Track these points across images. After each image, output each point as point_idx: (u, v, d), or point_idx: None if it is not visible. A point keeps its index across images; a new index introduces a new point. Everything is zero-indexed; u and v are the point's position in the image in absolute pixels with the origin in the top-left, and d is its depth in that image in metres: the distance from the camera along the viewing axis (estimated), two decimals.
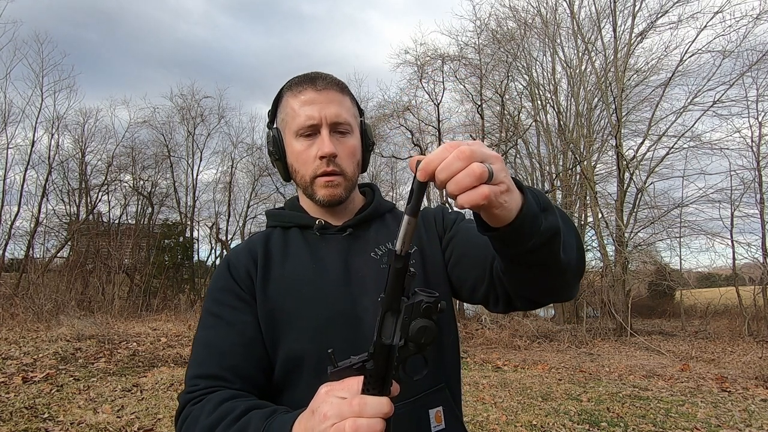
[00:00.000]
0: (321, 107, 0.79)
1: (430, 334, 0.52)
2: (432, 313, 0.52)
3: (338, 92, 0.82)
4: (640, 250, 11.71)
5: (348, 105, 0.84)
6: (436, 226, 0.89)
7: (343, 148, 0.81)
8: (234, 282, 0.80)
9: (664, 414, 4.25)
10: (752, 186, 10.89)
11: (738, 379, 5.84)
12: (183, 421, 0.70)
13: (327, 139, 0.79)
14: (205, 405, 0.68)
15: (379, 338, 0.53)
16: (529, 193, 0.55)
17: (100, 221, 15.05)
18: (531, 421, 3.88)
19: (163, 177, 16.25)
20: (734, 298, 11.15)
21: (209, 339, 0.77)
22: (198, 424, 0.66)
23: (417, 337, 0.52)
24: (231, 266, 0.82)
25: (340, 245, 0.83)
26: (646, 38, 12.30)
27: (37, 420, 3.44)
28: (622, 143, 11.72)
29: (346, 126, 0.82)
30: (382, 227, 0.88)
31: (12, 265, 13.01)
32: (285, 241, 0.85)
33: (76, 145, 14.47)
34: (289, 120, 0.82)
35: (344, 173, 0.82)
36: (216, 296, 0.80)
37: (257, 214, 17.56)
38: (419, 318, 0.52)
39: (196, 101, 16.58)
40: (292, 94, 0.82)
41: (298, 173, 0.83)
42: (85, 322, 7.53)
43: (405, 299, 0.53)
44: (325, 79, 0.82)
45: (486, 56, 13.33)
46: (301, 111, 0.80)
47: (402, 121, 14.13)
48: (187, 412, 0.70)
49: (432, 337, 0.52)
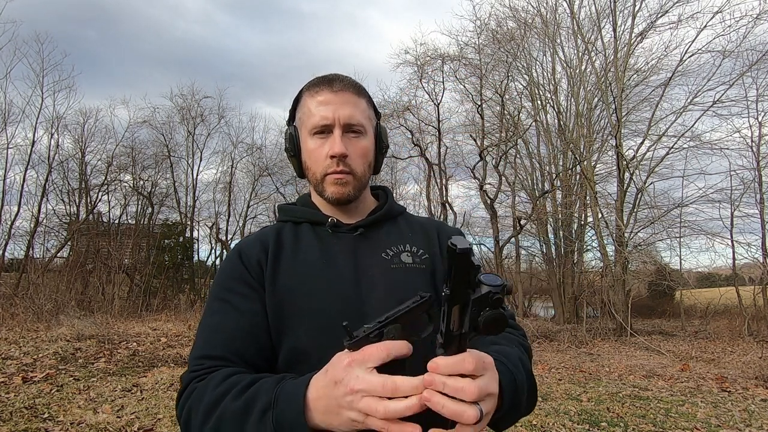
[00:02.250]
0: (335, 108, 0.82)
1: (501, 324, 0.52)
2: (502, 302, 0.53)
3: (354, 94, 0.84)
4: (640, 250, 11.70)
5: (363, 107, 0.86)
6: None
7: (354, 149, 0.83)
8: (245, 269, 0.80)
9: (664, 414, 4.25)
10: (752, 186, 10.89)
11: (738, 379, 5.84)
12: (187, 398, 0.68)
13: (338, 139, 0.81)
14: (210, 381, 0.67)
15: (448, 329, 0.53)
16: (508, 398, 0.61)
17: (100, 221, 15.04)
18: (531, 421, 3.88)
19: (163, 177, 16.26)
20: (734, 298, 11.15)
21: (216, 323, 0.77)
22: (205, 397, 0.65)
23: (488, 327, 0.52)
24: (242, 254, 0.82)
25: (351, 244, 0.84)
26: (646, 38, 12.30)
27: (37, 420, 3.44)
28: (622, 143, 11.71)
29: (359, 127, 0.84)
30: (394, 229, 0.90)
31: (12, 265, 13.01)
32: (296, 235, 0.86)
33: (76, 145, 14.47)
34: (305, 119, 0.85)
35: (354, 173, 0.84)
36: (225, 283, 0.80)
37: (257, 214, 17.58)
38: (489, 309, 0.52)
39: (196, 101, 16.58)
40: (309, 95, 0.85)
41: (310, 170, 0.86)
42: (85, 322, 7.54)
43: (471, 291, 0.52)
44: (342, 81, 0.85)
45: (486, 56, 13.34)
46: (317, 111, 0.82)
47: (402, 121, 14.13)
48: (191, 389, 0.69)
49: (504, 327, 0.53)
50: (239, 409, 0.61)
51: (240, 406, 0.61)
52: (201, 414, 0.64)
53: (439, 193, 14.44)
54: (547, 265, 15.06)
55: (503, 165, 13.58)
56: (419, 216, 0.99)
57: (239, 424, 0.60)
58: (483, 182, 12.84)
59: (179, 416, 0.69)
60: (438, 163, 13.97)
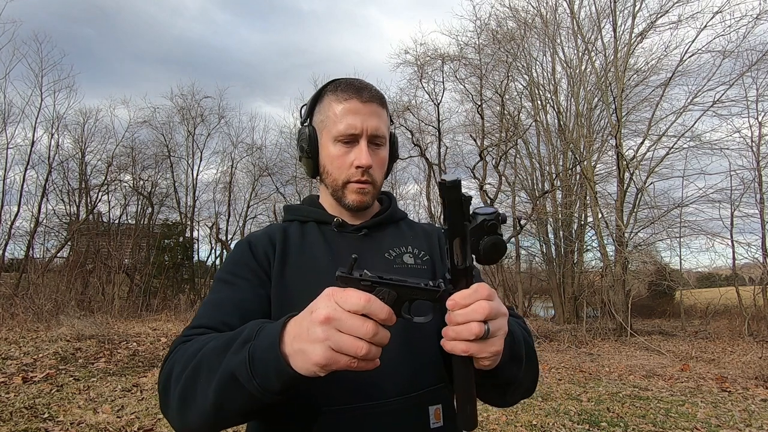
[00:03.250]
0: (364, 119, 0.83)
1: (500, 248, 0.55)
2: (497, 228, 0.55)
3: (379, 106, 0.86)
4: (640, 250, 11.70)
5: (385, 118, 0.88)
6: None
7: (377, 160, 0.86)
8: (253, 258, 0.82)
9: (664, 414, 4.25)
10: (752, 186, 10.88)
11: (738, 379, 5.84)
12: (172, 356, 0.66)
13: (366, 151, 0.83)
14: (199, 338, 0.66)
15: (453, 264, 0.56)
16: (506, 347, 0.63)
17: (100, 221, 15.04)
18: (531, 421, 3.88)
19: (163, 177, 16.26)
20: (734, 298, 11.14)
21: (217, 299, 0.77)
22: (189, 350, 0.64)
23: (489, 254, 0.55)
24: (251, 245, 0.84)
25: (355, 243, 0.87)
26: (646, 38, 12.29)
27: (37, 420, 3.44)
28: (622, 143, 11.71)
29: (382, 139, 0.86)
30: (396, 232, 0.92)
31: (12, 265, 13.00)
32: (303, 233, 0.88)
33: (76, 145, 14.46)
34: (330, 124, 0.85)
35: (374, 183, 0.87)
36: (232, 268, 0.81)
37: (257, 214, 17.56)
38: (486, 236, 0.54)
39: (196, 101, 16.59)
40: (336, 99, 0.85)
41: (330, 175, 0.87)
42: (85, 322, 7.53)
43: (467, 223, 0.55)
44: (370, 90, 0.86)
45: (486, 56, 13.33)
46: (344, 119, 0.83)
47: (402, 121, 14.13)
48: (177, 350, 0.67)
49: (503, 251, 0.55)
50: (221, 345, 0.60)
51: (222, 343, 0.60)
52: (183, 362, 0.63)
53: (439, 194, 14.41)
54: (547, 265, 15.06)
55: (503, 165, 13.58)
56: (420, 222, 1.02)
57: (218, 357, 0.59)
58: (483, 182, 12.84)
59: (161, 377, 0.65)
60: (438, 163, 13.96)
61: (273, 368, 0.54)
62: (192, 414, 0.60)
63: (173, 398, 0.62)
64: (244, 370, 0.55)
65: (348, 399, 0.72)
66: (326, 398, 0.71)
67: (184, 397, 0.60)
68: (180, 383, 0.61)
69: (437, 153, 13.95)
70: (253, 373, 0.54)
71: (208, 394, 0.58)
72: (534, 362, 0.76)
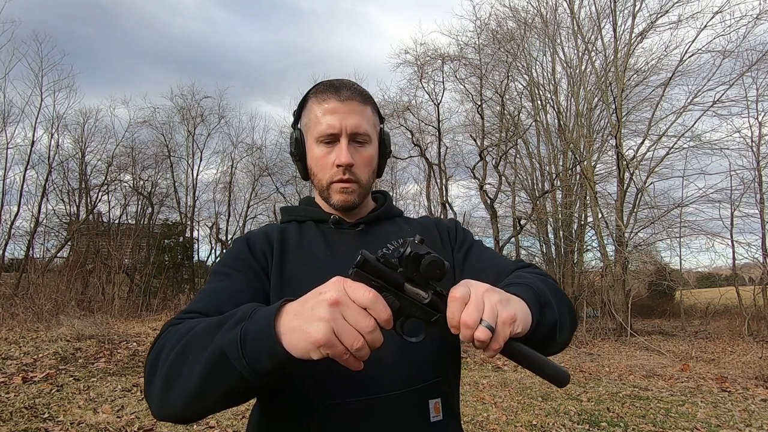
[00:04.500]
0: (342, 117, 0.83)
1: (437, 264, 0.56)
2: (420, 250, 0.57)
3: (360, 103, 0.86)
4: (640, 250, 11.70)
5: (368, 115, 0.87)
6: (449, 237, 0.95)
7: (359, 158, 0.86)
8: (250, 255, 0.82)
9: (664, 414, 4.25)
10: (752, 186, 10.87)
11: (738, 379, 5.84)
12: (163, 333, 0.65)
13: (345, 149, 0.83)
14: (188, 322, 0.64)
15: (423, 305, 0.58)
16: (533, 303, 0.64)
17: (100, 221, 15.03)
18: (531, 421, 3.88)
19: (163, 177, 16.23)
20: (734, 298, 11.14)
21: (212, 288, 0.76)
22: (180, 330, 0.62)
23: (430, 272, 0.56)
24: (249, 242, 0.85)
25: (353, 238, 0.88)
26: (646, 38, 12.27)
27: (37, 420, 3.44)
28: (622, 143, 11.71)
29: (365, 136, 0.86)
30: (393, 227, 0.93)
31: (12, 265, 12.99)
32: (300, 231, 0.89)
33: (76, 145, 14.44)
34: (312, 126, 0.86)
35: (359, 181, 0.86)
36: (229, 262, 0.81)
37: (257, 214, 17.56)
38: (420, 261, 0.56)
39: (196, 101, 16.55)
40: (316, 101, 0.86)
41: (316, 176, 0.89)
42: (85, 322, 7.52)
43: (399, 270, 0.58)
44: (349, 88, 0.86)
45: (486, 56, 13.33)
46: (323, 119, 0.84)
47: (402, 121, 14.13)
48: (167, 330, 0.65)
49: (441, 265, 0.56)
50: (213, 324, 0.58)
51: (214, 323, 0.58)
52: (172, 343, 0.60)
53: (439, 193, 14.43)
54: (547, 265, 15.04)
55: (503, 165, 13.58)
56: (416, 218, 1.03)
57: (208, 336, 0.57)
58: (483, 182, 12.84)
59: (149, 359, 0.63)
60: (438, 163, 13.97)
61: (265, 347, 0.52)
62: (174, 394, 0.58)
63: (158, 378, 0.59)
64: (235, 348, 0.53)
65: (348, 393, 0.72)
66: (327, 392, 0.72)
67: (169, 377, 0.58)
68: (167, 363, 0.59)
69: (437, 153, 13.96)
70: (244, 352, 0.53)
71: (194, 371, 0.56)
72: (562, 296, 0.76)
